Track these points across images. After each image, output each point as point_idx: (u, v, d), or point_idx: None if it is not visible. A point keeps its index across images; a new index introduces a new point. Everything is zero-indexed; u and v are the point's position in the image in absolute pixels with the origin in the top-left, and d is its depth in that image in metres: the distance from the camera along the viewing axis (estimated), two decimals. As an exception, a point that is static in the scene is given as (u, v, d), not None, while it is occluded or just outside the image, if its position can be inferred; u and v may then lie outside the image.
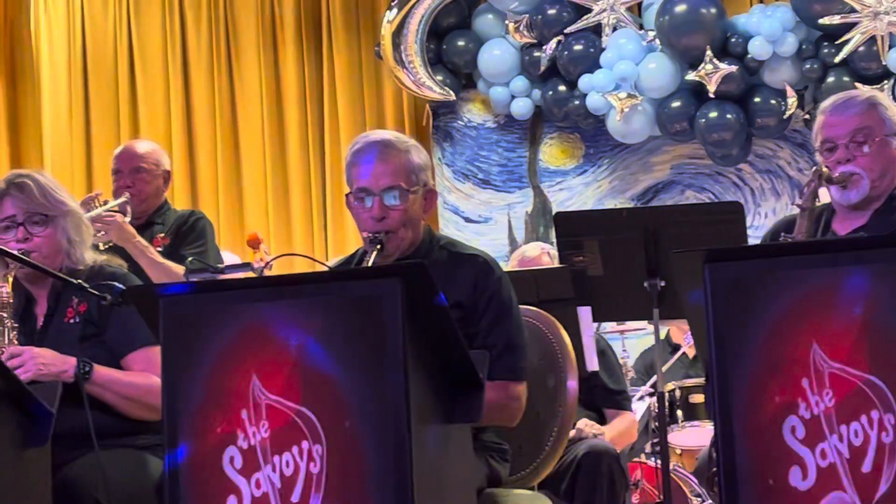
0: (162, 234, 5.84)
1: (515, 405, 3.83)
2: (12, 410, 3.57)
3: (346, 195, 3.95)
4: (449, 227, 9.37)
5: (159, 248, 5.70)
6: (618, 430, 5.58)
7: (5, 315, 4.00)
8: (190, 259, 5.59)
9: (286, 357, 3.17)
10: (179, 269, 5.55)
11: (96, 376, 3.95)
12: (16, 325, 4.02)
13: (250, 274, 5.45)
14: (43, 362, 3.91)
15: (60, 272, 4.03)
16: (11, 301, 4.01)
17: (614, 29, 8.82)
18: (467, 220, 9.56)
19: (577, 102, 8.90)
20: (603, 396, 5.67)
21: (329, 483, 3.11)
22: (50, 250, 4.11)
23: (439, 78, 9.28)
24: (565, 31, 8.88)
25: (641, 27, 8.82)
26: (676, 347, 7.70)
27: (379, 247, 3.83)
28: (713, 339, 3.07)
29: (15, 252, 3.97)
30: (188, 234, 5.85)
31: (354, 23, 9.81)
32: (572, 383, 4.23)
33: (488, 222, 9.55)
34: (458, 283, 3.82)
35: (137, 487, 3.89)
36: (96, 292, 3.86)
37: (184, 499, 3.21)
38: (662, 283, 4.70)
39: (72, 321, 4.08)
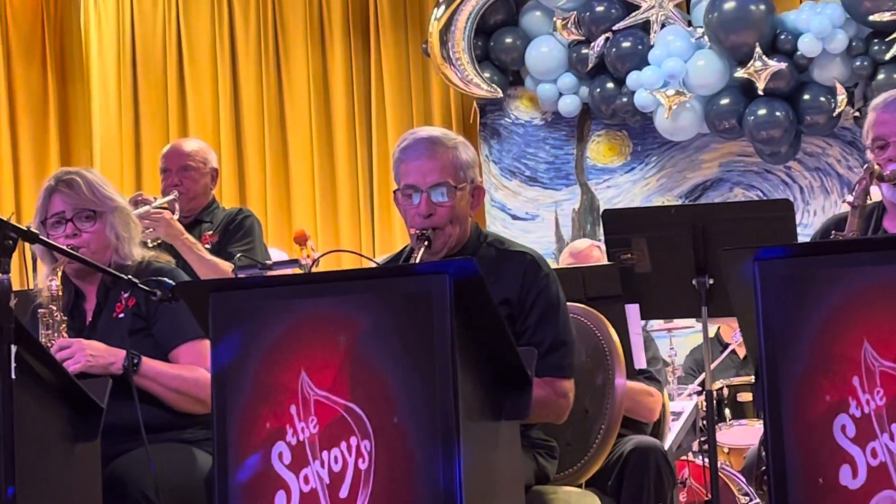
0: (210, 232, 5.87)
1: (563, 402, 3.82)
2: (63, 405, 3.60)
3: (394, 192, 3.96)
4: (496, 225, 9.37)
5: (207, 246, 5.72)
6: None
7: (55, 308, 4.03)
8: (238, 255, 5.61)
9: (335, 353, 3.18)
10: (227, 266, 5.57)
11: (144, 368, 3.98)
12: (65, 318, 4.05)
13: (297, 270, 5.46)
14: (92, 354, 3.95)
15: (109, 268, 4.05)
16: (61, 294, 4.04)
17: (663, 26, 8.79)
18: (514, 217, 9.55)
19: (624, 100, 8.88)
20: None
21: (377, 479, 3.11)
22: (98, 246, 4.14)
23: (487, 75, 9.28)
24: (613, 28, 8.86)
25: (690, 24, 8.79)
26: (726, 346, 7.67)
27: (426, 243, 3.83)
28: (763, 337, 3.05)
29: (64, 248, 3.99)
30: (236, 232, 5.87)
31: (402, 20, 9.82)
32: (620, 381, 4.22)
33: (535, 220, 9.53)
34: (505, 280, 3.81)
35: (186, 482, 3.90)
36: (147, 288, 3.87)
37: (233, 494, 3.22)
38: (711, 281, 4.68)
39: (121, 315, 4.10)
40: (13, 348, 3.25)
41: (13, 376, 3.24)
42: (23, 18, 9.66)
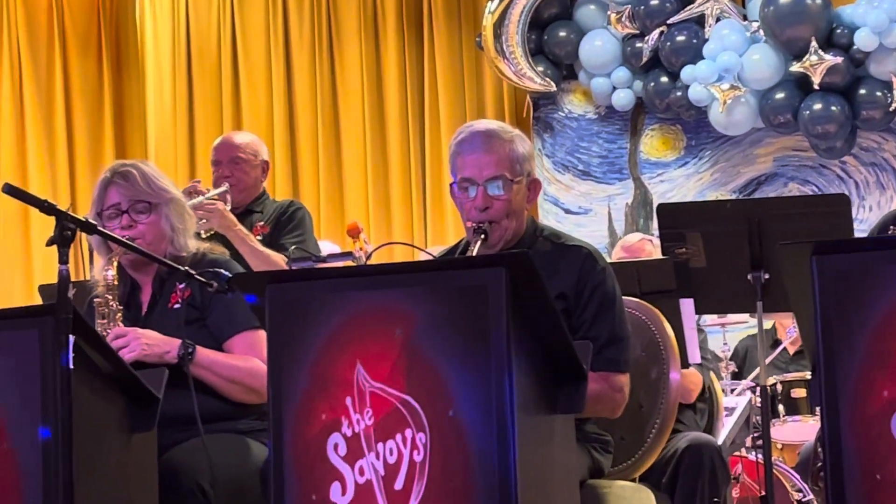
0: (261, 223, 5.89)
1: (618, 396, 3.82)
2: (120, 395, 3.62)
3: (451, 185, 3.95)
4: (548, 219, 9.35)
5: (259, 237, 5.74)
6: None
7: (111, 297, 4.06)
8: (293, 248, 5.62)
9: (391, 345, 3.18)
10: (279, 258, 5.59)
11: (199, 358, 4.00)
12: (121, 307, 4.08)
13: (350, 263, 5.47)
14: (147, 342, 3.97)
15: (164, 259, 4.07)
16: (117, 284, 4.07)
17: (718, 20, 8.75)
18: (567, 211, 9.53)
19: (679, 94, 8.84)
20: None
21: (432, 472, 3.11)
22: (154, 237, 4.16)
23: (540, 69, 9.27)
24: (668, 21, 8.82)
25: (745, 18, 8.74)
26: (777, 342, 7.64)
27: (483, 237, 3.83)
28: (820, 332, 3.04)
29: (121, 238, 4.01)
30: (288, 223, 5.88)
31: (455, 13, 9.82)
32: (675, 375, 4.21)
33: (588, 214, 9.52)
34: (561, 274, 3.81)
35: (240, 473, 3.92)
36: (203, 279, 3.89)
37: (288, 485, 3.23)
38: (766, 276, 4.66)
39: (176, 306, 4.13)
40: (71, 338, 3.27)
41: (71, 366, 3.27)
42: (79, 11, 9.72)
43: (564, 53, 9.30)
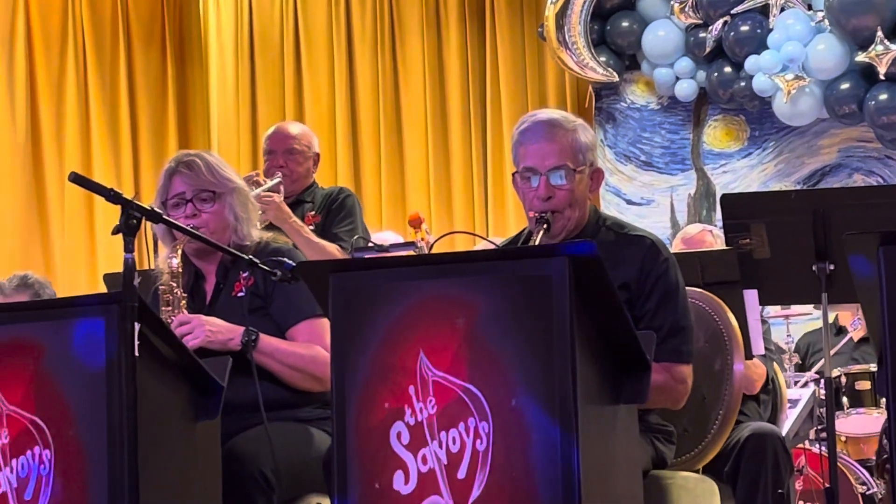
0: (312, 213, 5.91)
1: (681, 387, 3.80)
2: (184, 383, 3.64)
3: (513, 174, 3.95)
4: (610, 210, 9.32)
5: (311, 226, 5.77)
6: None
7: (175, 285, 4.08)
8: (356, 237, 5.64)
9: (453, 334, 3.18)
10: (333, 248, 5.62)
11: (262, 345, 4.01)
12: (185, 294, 4.10)
13: (412, 253, 5.48)
14: (211, 329, 3.99)
15: (228, 248, 4.09)
16: (181, 272, 4.09)
17: (782, 9, 8.68)
18: (629, 202, 9.51)
19: (742, 84, 8.79)
20: None
21: (495, 461, 3.11)
22: (218, 226, 4.17)
23: (603, 59, 9.24)
24: (732, 11, 8.76)
25: (810, 7, 8.67)
26: (840, 330, 7.59)
27: (545, 226, 3.82)
28: (887, 323, 3.01)
29: (186, 227, 4.03)
30: (338, 212, 5.91)
31: (518, 4, 9.81)
32: (738, 366, 4.19)
33: (650, 205, 9.48)
34: (624, 264, 3.79)
35: (303, 461, 3.93)
36: (267, 268, 3.91)
37: (351, 474, 3.24)
38: (832, 267, 4.62)
39: (240, 294, 4.14)
40: (137, 326, 3.30)
41: (136, 354, 3.29)
42: (143, 4, 9.78)
43: (627, 44, 9.26)
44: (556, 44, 9.17)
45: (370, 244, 5.67)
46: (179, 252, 4.10)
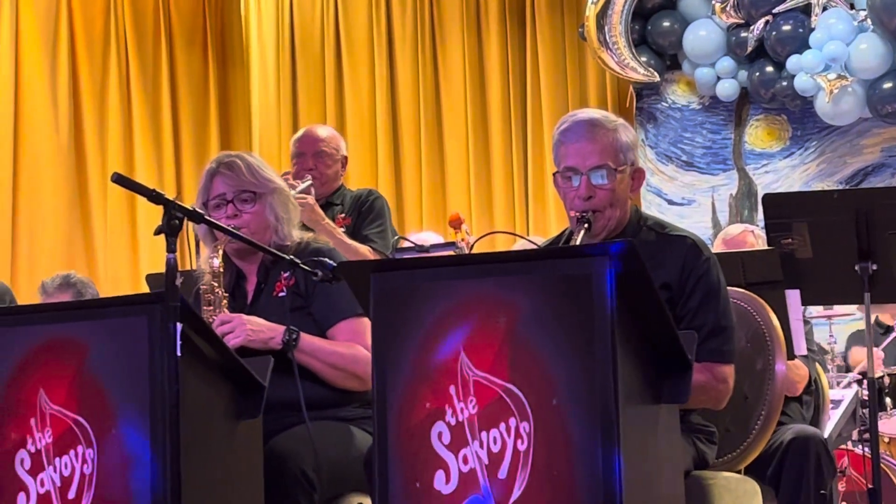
0: (342, 215, 5.92)
1: (722, 387, 3.78)
2: (226, 383, 3.65)
3: (554, 174, 3.94)
4: (651, 210, 9.30)
5: (342, 228, 5.77)
6: None
7: (216, 285, 4.09)
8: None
9: (494, 334, 3.18)
10: (365, 250, 5.63)
11: (303, 344, 4.02)
12: (226, 294, 4.11)
13: (453, 253, 5.48)
14: (252, 328, 4.00)
15: (269, 248, 4.10)
16: (223, 272, 4.10)
17: (824, 9, 8.64)
18: (670, 202, 9.49)
19: (784, 83, 8.76)
20: None
21: (536, 461, 3.11)
22: (258, 227, 4.18)
23: (644, 59, 9.22)
24: (774, 10, 8.74)
25: (852, 7, 8.63)
26: (888, 329, 7.55)
27: (586, 226, 3.81)
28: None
29: (227, 227, 4.04)
30: (368, 214, 5.91)
31: (558, 4, 9.80)
32: (780, 367, 4.17)
33: (691, 205, 9.46)
34: (666, 264, 3.78)
35: (344, 460, 3.94)
36: (308, 267, 3.92)
37: (392, 473, 3.24)
38: (874, 267, 4.60)
39: (281, 294, 4.15)
40: (179, 326, 3.31)
41: (179, 353, 3.30)
42: (185, 6, 9.83)
43: (668, 44, 9.25)
44: (596, 44, 9.16)
45: (410, 244, 5.67)
46: (220, 252, 4.12)
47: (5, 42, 8.78)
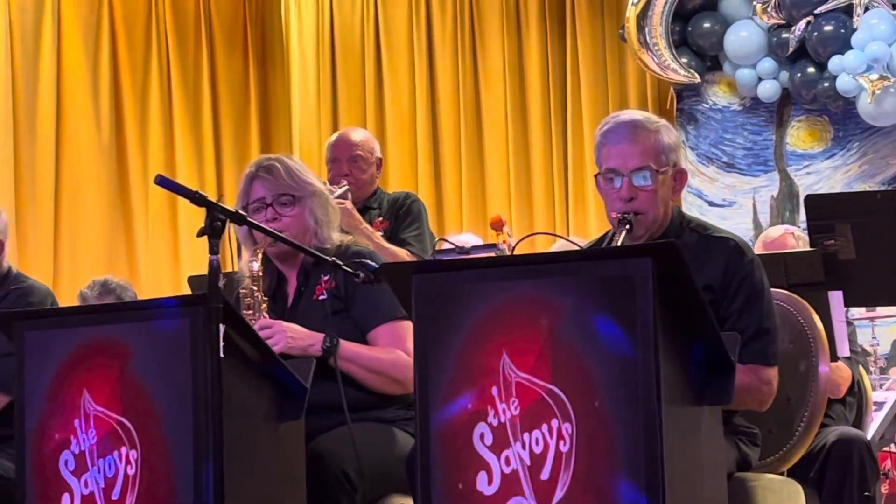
0: (380, 219, 5.91)
1: (766, 389, 3.77)
2: (268, 385, 3.66)
3: (595, 176, 3.93)
4: (692, 211, 9.25)
5: (380, 232, 5.77)
6: None
7: (255, 289, 4.09)
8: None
9: (536, 335, 3.17)
10: (403, 253, 5.62)
11: (343, 350, 4.01)
12: (265, 298, 4.11)
13: (494, 255, 5.48)
14: (292, 336, 4.00)
15: (310, 249, 4.09)
16: (262, 276, 4.10)
17: (866, 9, 8.60)
18: (711, 203, 9.46)
19: (826, 84, 8.72)
20: None
21: (578, 462, 3.10)
22: (298, 230, 4.17)
23: (684, 60, 9.20)
24: (815, 11, 8.70)
25: (895, 7, 8.59)
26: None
27: (628, 227, 3.80)
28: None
29: (269, 229, 4.04)
30: (405, 217, 5.91)
31: (598, 5, 9.80)
32: (824, 368, 4.15)
33: (732, 206, 9.44)
34: (708, 266, 3.77)
35: (386, 461, 3.94)
36: (350, 269, 3.92)
37: (434, 475, 3.25)
38: (918, 268, 4.58)
39: (321, 297, 4.15)
40: (222, 327, 3.32)
41: (221, 355, 3.32)
42: (226, 9, 9.86)
43: (709, 44, 9.22)
44: (636, 45, 9.14)
45: (451, 246, 5.67)
46: (260, 256, 4.12)
47: (48, 45, 8.83)
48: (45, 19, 8.84)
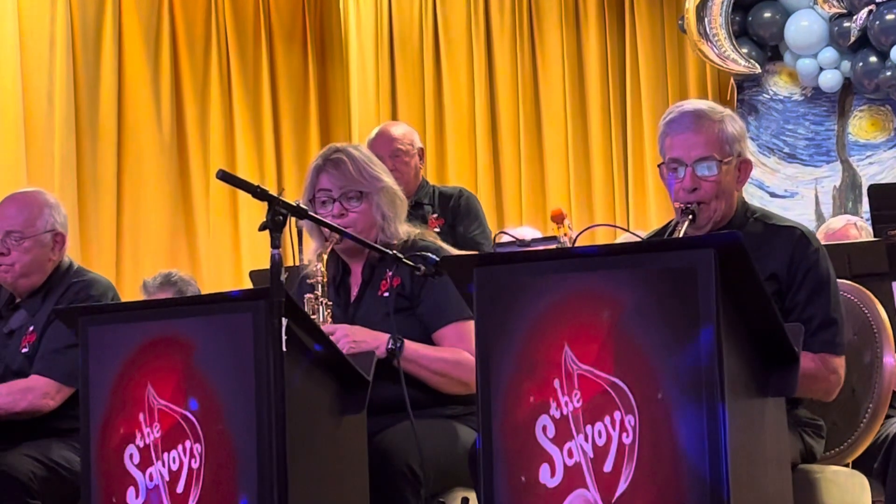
0: (435, 216, 5.90)
1: (833, 378, 3.74)
2: (331, 378, 3.67)
3: (659, 165, 3.91)
4: (753, 203, 9.15)
5: (436, 229, 5.72)
6: None
7: (320, 293, 4.05)
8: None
9: (598, 327, 3.17)
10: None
11: (407, 352, 3.97)
12: (330, 302, 4.07)
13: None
14: (355, 340, 3.95)
15: (372, 243, 4.07)
16: (325, 280, 4.06)
17: (929, -4, 8.53)
18: (772, 195, 9.40)
19: (888, 73, 8.65)
20: None
21: (641, 454, 3.09)
22: (365, 225, 4.14)
23: (744, 50, 9.14)
24: (877, 0, 8.62)
25: (957, -6, 8.52)
26: None
27: (690, 217, 3.78)
28: None
29: (330, 222, 4.02)
30: (465, 216, 5.90)
31: (658, -4, 9.76)
32: (889, 359, 4.11)
33: (794, 197, 9.37)
34: (773, 256, 3.75)
35: (450, 456, 3.94)
36: (411, 262, 3.91)
37: (497, 468, 3.25)
38: (982, 257, 4.53)
39: (385, 294, 4.12)
40: (284, 321, 3.33)
41: (284, 349, 3.33)
42: (284, 4, 9.90)
43: (769, 35, 9.16)
44: (696, 36, 9.09)
45: (510, 238, 5.67)
46: (325, 258, 4.08)
47: (108, 41, 8.89)
48: (106, 18, 8.91)
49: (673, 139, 3.84)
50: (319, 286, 4.04)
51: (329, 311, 4.05)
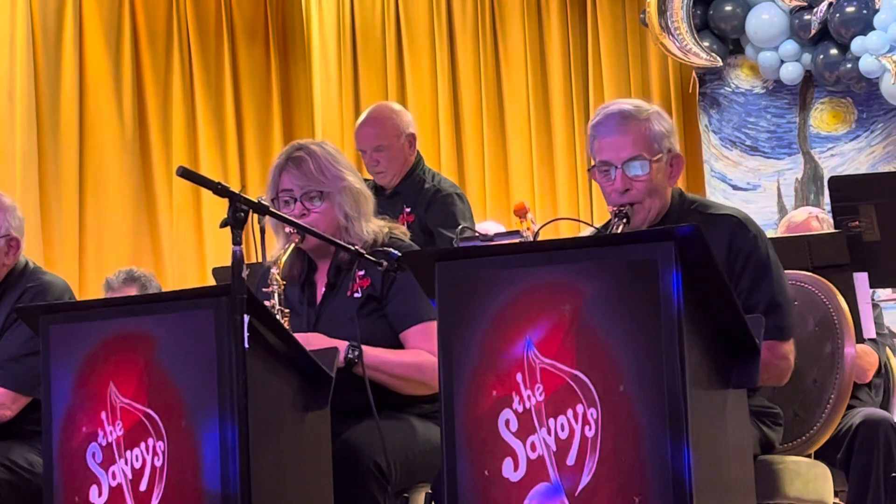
0: (408, 209, 5.91)
1: (784, 364, 3.75)
2: (293, 374, 3.66)
3: (589, 169, 3.92)
4: (716, 195, 9.25)
5: (404, 225, 5.69)
6: None
7: (276, 302, 3.99)
8: (460, 227, 5.64)
9: (560, 321, 3.18)
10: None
11: (367, 359, 3.93)
12: (287, 310, 4.01)
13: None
14: (313, 349, 3.93)
15: (335, 240, 4.03)
16: (281, 290, 4.00)
17: (888, -11, 8.57)
18: (735, 187, 9.42)
19: (849, 66, 8.67)
20: None
21: (604, 447, 3.11)
22: (327, 225, 4.09)
23: (706, 44, 9.16)
24: (837, -8, 8.67)
25: (917, -13, 8.55)
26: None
27: (625, 221, 3.79)
28: None
29: (292, 219, 3.99)
30: (438, 214, 5.90)
31: (620, -11, 9.78)
32: (850, 350, 4.14)
33: (756, 190, 9.39)
34: (712, 245, 3.75)
35: (415, 452, 3.94)
36: (373, 259, 3.89)
37: (460, 461, 3.25)
38: (943, 249, 4.56)
39: (356, 295, 4.08)
40: (246, 318, 3.33)
41: (246, 345, 3.32)
42: (246, 1, 9.87)
43: (731, 28, 9.17)
44: (658, 29, 9.11)
45: (479, 235, 5.67)
46: (282, 263, 4.03)
47: (69, 38, 8.85)
48: (67, 15, 8.86)
49: (601, 142, 3.85)
50: (276, 295, 4.00)
51: (286, 319, 3.99)
